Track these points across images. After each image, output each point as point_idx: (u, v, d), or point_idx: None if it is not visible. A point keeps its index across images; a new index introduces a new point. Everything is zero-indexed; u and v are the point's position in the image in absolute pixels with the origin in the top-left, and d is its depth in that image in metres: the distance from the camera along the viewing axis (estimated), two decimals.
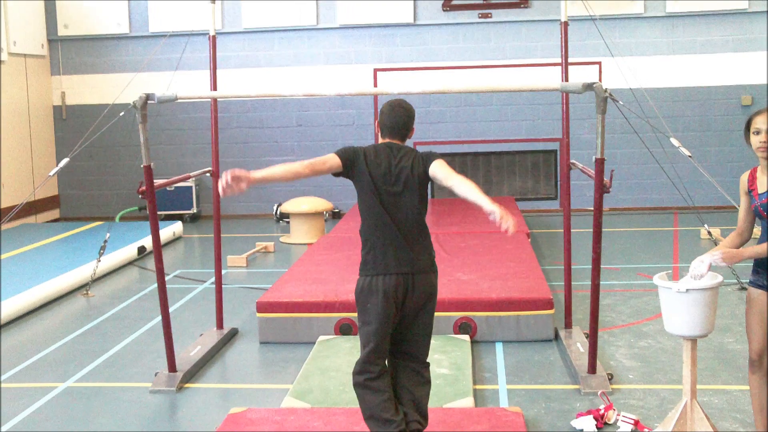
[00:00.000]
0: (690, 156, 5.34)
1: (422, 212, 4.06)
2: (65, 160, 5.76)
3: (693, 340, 4.27)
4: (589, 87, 5.03)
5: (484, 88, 5.77)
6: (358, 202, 4.06)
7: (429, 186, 4.17)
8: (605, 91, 5.03)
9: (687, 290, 4.11)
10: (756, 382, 4.16)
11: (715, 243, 8.60)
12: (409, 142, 4.38)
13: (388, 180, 3.97)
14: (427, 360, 4.19)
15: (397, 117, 4.08)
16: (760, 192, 4.02)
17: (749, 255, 4.07)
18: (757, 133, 3.98)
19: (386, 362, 4.07)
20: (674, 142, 5.51)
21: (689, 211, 11.35)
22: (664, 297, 4.25)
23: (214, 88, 6.64)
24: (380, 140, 4.14)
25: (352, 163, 3.99)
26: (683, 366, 4.27)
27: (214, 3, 6.70)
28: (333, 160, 3.98)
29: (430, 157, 4.03)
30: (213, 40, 6.65)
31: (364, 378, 4.00)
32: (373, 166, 3.98)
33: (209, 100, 7.08)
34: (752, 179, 4.09)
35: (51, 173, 5.79)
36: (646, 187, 13.06)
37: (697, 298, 4.13)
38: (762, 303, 4.05)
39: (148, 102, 5.38)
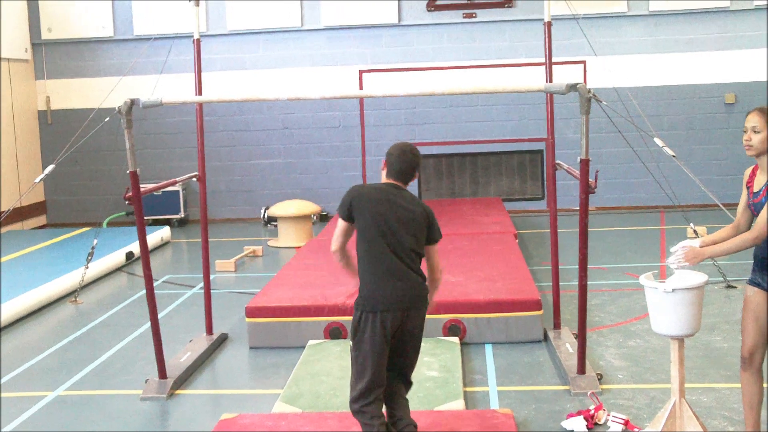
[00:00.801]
0: (674, 156, 5.36)
1: (418, 253, 4.14)
2: (50, 168, 5.73)
3: (680, 340, 4.30)
4: (572, 88, 5.06)
5: (469, 90, 5.80)
6: (357, 240, 4.13)
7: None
8: (589, 91, 5.05)
9: (673, 290, 4.14)
10: (747, 379, 4.19)
11: None
12: None
13: (388, 218, 4.06)
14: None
15: (405, 163, 4.20)
16: (755, 190, 4.06)
17: (711, 253, 4.11)
18: (745, 131, 4.03)
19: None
20: (658, 142, 5.52)
21: (676, 209, 11.41)
22: (650, 297, 4.28)
23: (199, 92, 6.62)
24: (384, 179, 4.24)
25: (351, 211, 4.11)
26: (671, 365, 4.30)
27: (198, 6, 6.66)
28: (345, 225, 4.15)
29: (434, 231, 4.20)
30: (197, 44, 6.62)
31: (360, 405, 4.07)
32: (374, 203, 4.08)
33: (195, 103, 7.06)
34: (752, 175, 4.13)
35: (36, 181, 5.77)
36: (633, 185, 13.12)
37: (683, 298, 4.16)
38: (757, 301, 4.08)
39: (134, 107, 5.37)
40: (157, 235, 11.22)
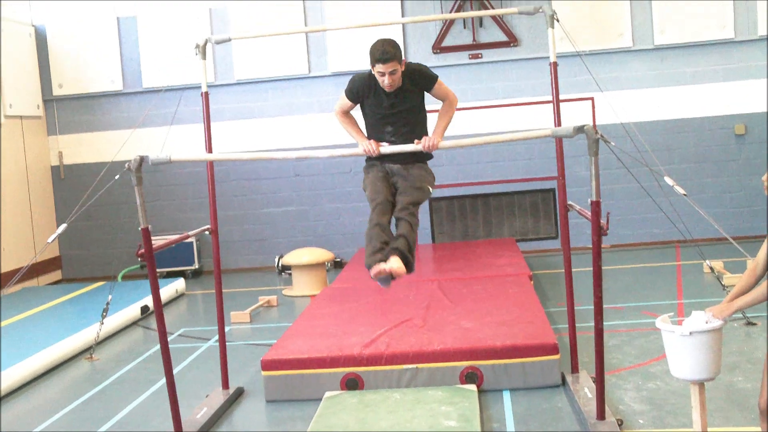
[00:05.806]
0: (685, 194, 5.33)
1: None
2: (63, 226, 5.76)
3: (701, 384, 4.24)
4: (580, 130, 5.03)
5: (474, 142, 5.77)
6: None
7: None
8: (596, 133, 5.03)
9: (690, 333, 4.10)
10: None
11: (718, 278, 8.57)
12: None
13: None
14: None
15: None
16: None
17: (740, 306, 4.02)
18: None
19: None
20: (668, 181, 5.49)
21: (691, 243, 11.33)
22: (668, 340, 4.24)
23: (209, 150, 6.63)
24: None
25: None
26: (692, 411, 4.25)
27: (205, 59, 6.67)
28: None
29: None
30: (205, 98, 6.62)
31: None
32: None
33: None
34: None
35: (50, 240, 5.79)
36: (646, 221, 13.03)
37: (701, 341, 4.11)
38: None
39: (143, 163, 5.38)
40: (171, 288, 11.21)
